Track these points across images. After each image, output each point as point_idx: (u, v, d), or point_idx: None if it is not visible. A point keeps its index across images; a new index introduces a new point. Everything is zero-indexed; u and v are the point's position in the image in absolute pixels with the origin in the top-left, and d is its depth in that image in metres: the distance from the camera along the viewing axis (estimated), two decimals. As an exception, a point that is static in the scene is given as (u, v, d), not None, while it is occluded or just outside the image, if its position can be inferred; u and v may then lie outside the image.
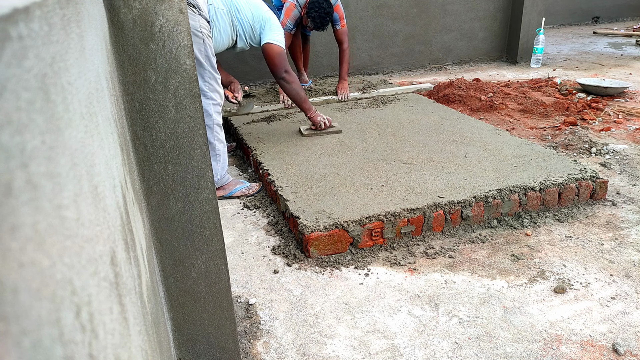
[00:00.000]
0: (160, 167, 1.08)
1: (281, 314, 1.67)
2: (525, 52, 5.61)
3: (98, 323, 0.43)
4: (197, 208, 1.14)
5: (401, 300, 1.72)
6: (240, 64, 4.89)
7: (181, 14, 1.00)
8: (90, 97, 0.55)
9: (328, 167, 2.54)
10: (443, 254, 1.99)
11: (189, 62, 1.04)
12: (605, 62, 5.51)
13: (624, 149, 2.98)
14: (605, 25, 8.17)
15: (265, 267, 1.95)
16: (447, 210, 2.11)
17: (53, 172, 0.36)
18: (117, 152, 0.74)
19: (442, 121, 3.26)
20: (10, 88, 0.30)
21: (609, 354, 1.46)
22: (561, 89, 4.23)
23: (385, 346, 1.51)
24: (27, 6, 0.34)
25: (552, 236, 2.10)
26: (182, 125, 1.07)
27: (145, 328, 0.71)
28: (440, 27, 5.54)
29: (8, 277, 0.27)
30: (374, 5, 5.18)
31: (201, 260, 1.18)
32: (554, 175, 2.34)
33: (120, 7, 0.96)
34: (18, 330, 0.28)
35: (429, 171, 2.43)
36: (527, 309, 1.65)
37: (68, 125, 0.43)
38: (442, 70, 5.57)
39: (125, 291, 0.59)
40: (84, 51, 0.55)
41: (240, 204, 2.51)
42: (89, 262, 0.44)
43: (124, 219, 0.69)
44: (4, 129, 0.28)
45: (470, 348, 1.49)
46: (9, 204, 0.28)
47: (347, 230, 1.97)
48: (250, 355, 1.50)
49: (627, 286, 1.76)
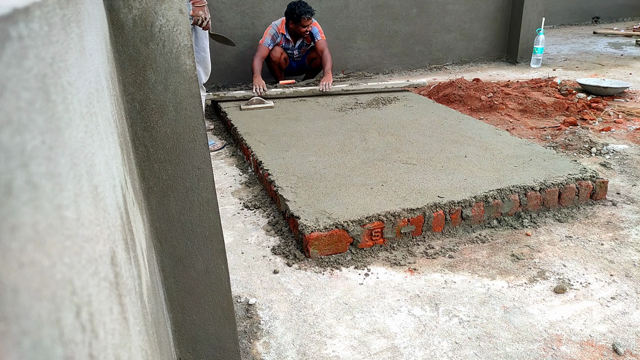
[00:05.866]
0: (160, 167, 1.08)
1: (281, 314, 1.67)
2: (525, 52, 5.62)
3: (98, 323, 0.43)
4: (197, 208, 1.14)
5: (401, 300, 1.72)
6: (241, 64, 4.89)
7: (181, 14, 1.00)
8: (90, 97, 0.55)
9: (328, 167, 2.54)
10: (443, 254, 1.99)
11: (189, 62, 1.04)
12: (605, 62, 5.51)
13: (624, 149, 2.98)
14: (605, 25, 8.17)
15: (265, 267, 1.95)
16: (447, 210, 2.11)
17: (53, 172, 0.36)
18: (117, 152, 0.74)
19: (442, 121, 3.26)
20: (10, 88, 0.30)
21: (609, 354, 1.46)
22: (561, 89, 4.23)
23: (385, 346, 1.51)
24: (27, 6, 0.34)
25: (552, 236, 2.10)
26: (182, 125, 1.07)
27: (145, 328, 0.71)
28: (440, 27, 5.54)
29: (8, 277, 0.27)
30: (374, 5, 5.17)
31: (201, 260, 1.18)
32: (554, 175, 2.34)
33: (120, 7, 0.96)
34: (18, 330, 0.28)
35: (429, 171, 2.43)
36: (527, 309, 1.65)
37: (68, 125, 0.43)
38: (442, 70, 5.57)
39: (125, 291, 0.59)
40: (84, 51, 0.55)
41: (240, 203, 2.51)
42: (89, 262, 0.44)
43: (124, 219, 0.69)
44: (4, 129, 0.28)
45: (470, 348, 1.49)
46: (9, 204, 0.28)
47: (347, 230, 1.97)
48: (250, 355, 1.50)
49: (627, 286, 1.76)
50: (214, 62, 4.80)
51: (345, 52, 5.24)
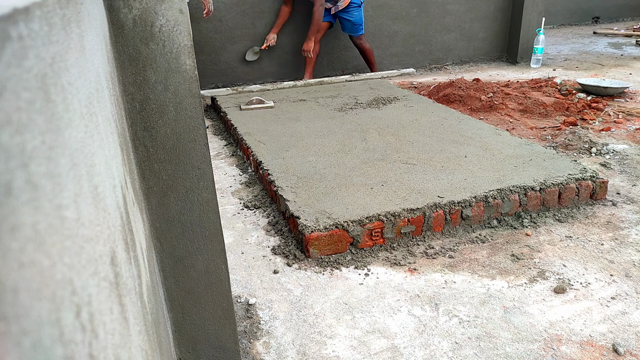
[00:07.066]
0: (160, 167, 1.08)
1: (281, 314, 1.67)
2: (525, 52, 5.61)
3: (98, 323, 0.43)
4: (197, 208, 1.14)
5: (401, 300, 1.72)
6: (241, 64, 4.90)
7: (181, 14, 1.00)
8: (90, 97, 0.55)
9: (328, 167, 2.54)
10: (443, 254, 1.99)
11: (189, 62, 1.04)
12: (605, 62, 5.51)
13: (624, 149, 2.98)
14: (606, 25, 8.17)
15: (265, 267, 1.95)
16: (447, 210, 2.11)
17: (53, 172, 0.36)
18: (117, 152, 0.74)
19: (442, 121, 3.26)
20: (10, 88, 0.30)
21: (609, 354, 1.46)
22: (561, 89, 4.23)
23: (385, 346, 1.51)
24: (27, 6, 0.34)
25: (552, 236, 2.10)
26: (182, 125, 1.07)
27: (145, 328, 0.71)
28: (440, 27, 5.54)
29: (8, 277, 0.27)
30: (374, 5, 5.17)
31: (201, 260, 1.18)
32: (554, 175, 2.34)
33: (120, 7, 0.96)
34: (18, 330, 0.28)
35: (429, 171, 2.43)
36: (527, 309, 1.65)
37: (68, 125, 0.43)
38: (442, 70, 5.57)
39: (125, 291, 0.59)
40: (84, 51, 0.55)
41: (240, 203, 2.51)
42: (89, 262, 0.44)
43: (124, 219, 0.69)
44: (4, 129, 0.28)
45: (470, 348, 1.49)
46: (9, 204, 0.28)
47: (347, 230, 1.97)
48: (250, 355, 1.50)
49: (627, 286, 1.76)
50: (215, 62, 4.82)
51: (346, 52, 5.24)
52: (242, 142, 3.09)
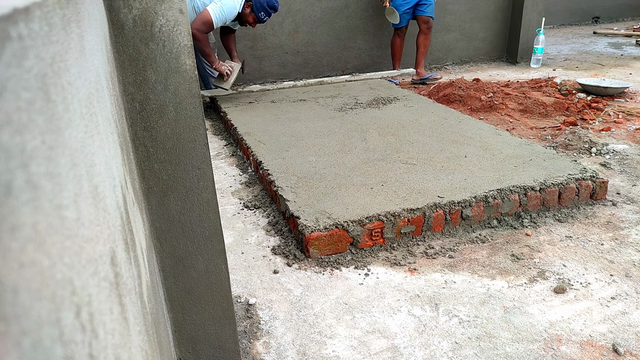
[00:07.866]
0: (160, 167, 1.08)
1: (281, 314, 1.67)
2: (525, 52, 5.61)
3: (98, 323, 0.43)
4: (197, 208, 1.14)
5: (401, 300, 1.72)
6: (240, 64, 4.89)
7: (181, 14, 1.00)
8: (91, 97, 0.55)
9: (328, 167, 2.54)
10: (443, 254, 1.99)
11: (189, 62, 1.04)
12: (605, 62, 5.51)
13: (624, 149, 2.98)
14: (606, 25, 8.17)
15: (265, 267, 1.95)
16: (447, 210, 2.11)
17: (53, 172, 0.36)
18: (117, 152, 0.74)
19: (442, 121, 3.26)
20: (10, 88, 0.30)
21: (609, 354, 1.46)
22: (561, 89, 4.23)
23: (385, 346, 1.51)
24: (27, 6, 0.34)
25: (552, 236, 2.10)
26: (182, 125, 1.07)
27: (145, 328, 0.71)
28: (440, 27, 5.54)
29: (8, 277, 0.27)
30: (374, 5, 5.18)
31: (201, 260, 1.18)
32: (554, 175, 2.34)
33: (120, 7, 0.96)
34: (18, 330, 0.28)
35: (429, 171, 2.43)
36: (527, 309, 1.65)
37: (68, 125, 0.43)
38: (442, 70, 5.56)
39: (125, 291, 0.59)
40: (84, 51, 0.55)
41: (240, 203, 2.51)
42: (89, 262, 0.44)
43: (124, 219, 0.69)
44: (4, 129, 0.28)
45: (470, 348, 1.49)
46: (9, 204, 0.28)
47: (347, 230, 1.97)
48: (250, 355, 1.50)
49: (627, 286, 1.76)
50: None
51: (346, 52, 5.24)
52: (242, 142, 3.09)
